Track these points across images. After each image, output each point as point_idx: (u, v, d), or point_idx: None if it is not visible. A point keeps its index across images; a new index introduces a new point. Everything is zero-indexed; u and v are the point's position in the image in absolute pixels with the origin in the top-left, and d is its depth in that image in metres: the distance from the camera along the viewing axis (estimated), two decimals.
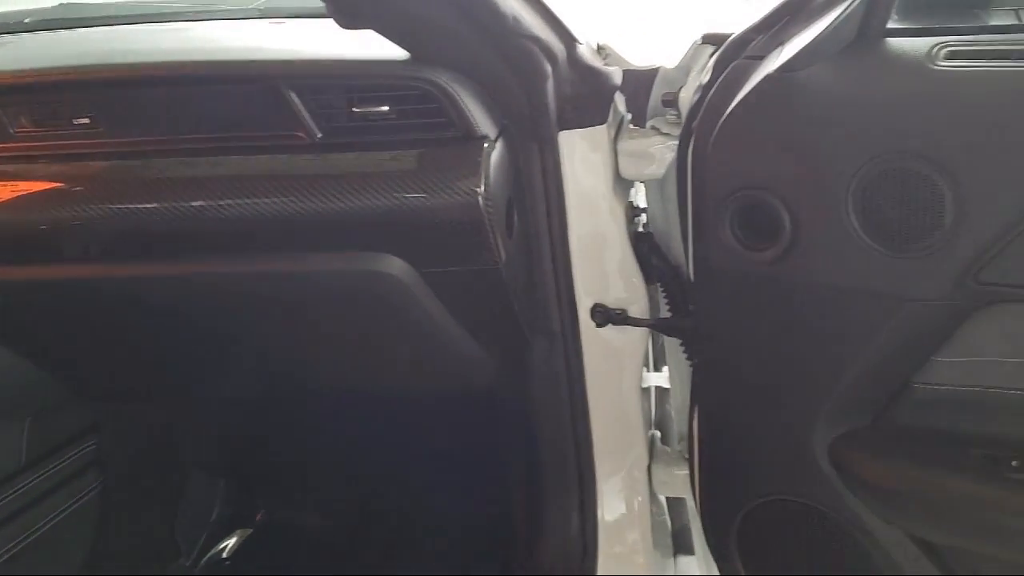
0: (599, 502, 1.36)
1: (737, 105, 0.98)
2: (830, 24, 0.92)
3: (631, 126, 1.27)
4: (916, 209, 0.91)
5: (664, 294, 1.31)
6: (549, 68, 1.10)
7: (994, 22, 0.99)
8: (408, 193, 1.07)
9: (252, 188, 1.09)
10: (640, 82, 1.25)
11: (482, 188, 1.05)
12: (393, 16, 1.04)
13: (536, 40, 1.06)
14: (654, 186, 1.34)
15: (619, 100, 1.27)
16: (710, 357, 1.15)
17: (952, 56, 0.89)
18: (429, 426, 1.50)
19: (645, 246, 1.30)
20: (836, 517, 1.08)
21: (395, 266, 1.12)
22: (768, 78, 0.96)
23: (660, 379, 1.49)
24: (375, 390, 1.43)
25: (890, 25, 0.95)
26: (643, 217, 1.39)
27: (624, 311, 1.27)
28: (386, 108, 1.09)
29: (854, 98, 0.92)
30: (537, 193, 1.20)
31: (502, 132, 1.13)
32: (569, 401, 1.31)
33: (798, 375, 1.05)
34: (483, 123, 1.09)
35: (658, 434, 1.45)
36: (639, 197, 1.40)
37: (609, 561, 1.37)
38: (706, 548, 1.28)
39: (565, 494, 1.35)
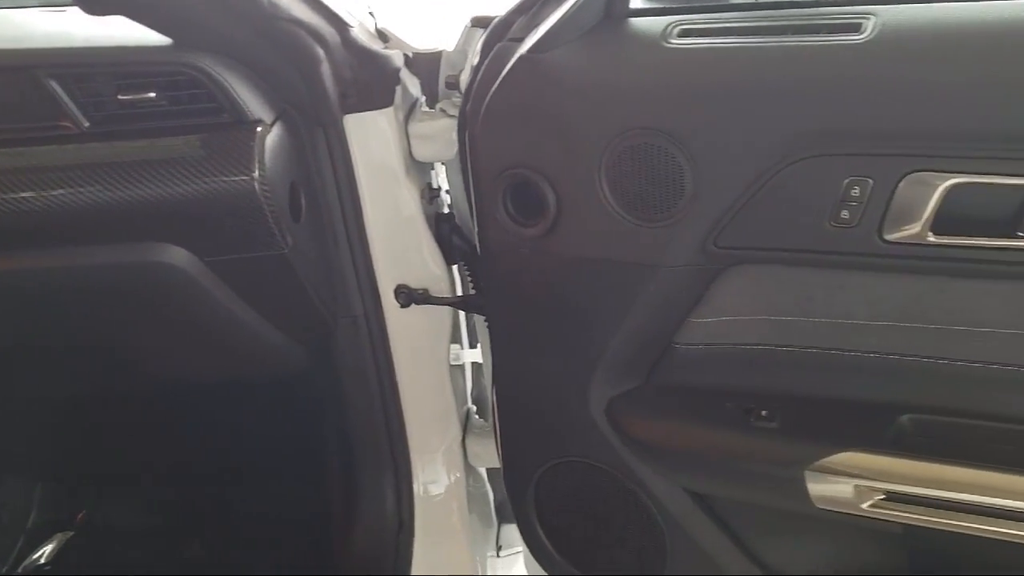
0: (415, 478, 1.39)
1: (497, 87, 1.02)
2: (573, 5, 0.97)
3: (424, 109, 1.30)
4: (660, 181, 0.96)
5: (467, 273, 1.34)
6: (321, 52, 1.11)
7: (732, 0, 1.06)
8: (182, 180, 1.06)
9: (18, 181, 1.05)
10: (431, 65, 1.28)
11: (257, 173, 1.06)
12: (139, 2, 1.03)
13: (299, 23, 1.06)
14: (454, 166, 1.36)
15: (412, 83, 1.29)
16: (499, 330, 1.19)
17: (684, 34, 0.94)
18: (247, 414, 1.49)
19: (446, 226, 1.32)
20: (617, 475, 1.14)
21: (177, 256, 1.11)
22: (520, 59, 0.99)
23: (475, 355, 1.52)
24: (185, 382, 1.41)
25: (635, 5, 1.00)
26: (447, 198, 1.41)
27: (427, 291, 1.30)
28: (153, 95, 1.07)
29: (599, 77, 0.97)
30: (326, 177, 1.20)
31: (280, 116, 1.13)
32: (377, 382, 1.33)
33: (572, 343, 1.11)
34: (256, 107, 1.08)
35: (474, 408, 1.49)
36: (441, 178, 1.42)
37: (427, 534, 1.40)
38: None
39: (379, 472, 1.37)
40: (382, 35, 1.22)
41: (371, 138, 1.20)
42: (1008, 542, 0.92)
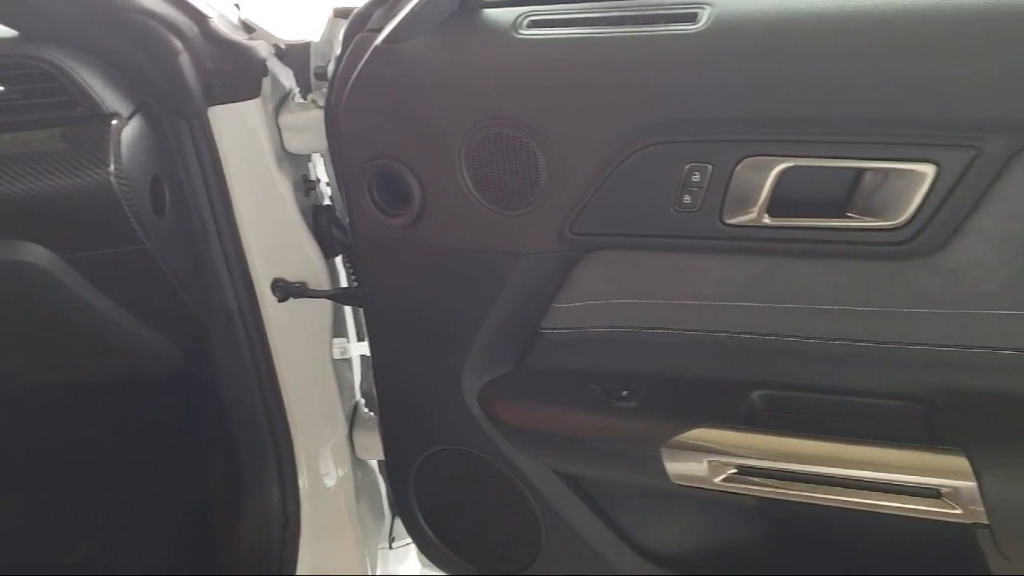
0: (300, 472, 1.38)
1: (355, 78, 1.02)
2: None
3: (298, 100, 1.29)
4: (517, 170, 0.98)
5: (348, 265, 1.34)
6: (179, 43, 1.09)
7: None
8: (37, 176, 1.03)
9: None
10: (303, 56, 1.27)
11: (113, 167, 1.03)
12: None
13: (152, 15, 1.05)
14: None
15: (284, 74, 1.28)
16: (375, 321, 1.20)
17: (534, 24, 0.96)
18: (127, 413, 1.46)
19: (325, 218, 1.32)
20: (492, 461, 1.16)
21: (35, 254, 1.08)
22: (376, 50, 1.00)
23: (364, 348, 1.52)
24: (58, 383, 1.37)
25: None
26: (328, 190, 1.41)
27: (305, 284, 1.29)
28: (1, 88, 1.04)
29: (452, 67, 0.98)
30: (192, 170, 1.19)
31: (140, 109, 1.11)
32: (256, 378, 1.32)
33: (443, 331, 1.12)
34: (112, 100, 1.06)
35: (362, 401, 1.49)
36: (319, 170, 1.41)
37: (315, 529, 1.40)
38: None
39: (263, 468, 1.36)
40: (246, 26, 1.20)
41: (239, 130, 1.19)
42: (855, 510, 0.96)
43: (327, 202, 1.39)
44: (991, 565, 0.92)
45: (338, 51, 1.10)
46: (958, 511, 0.89)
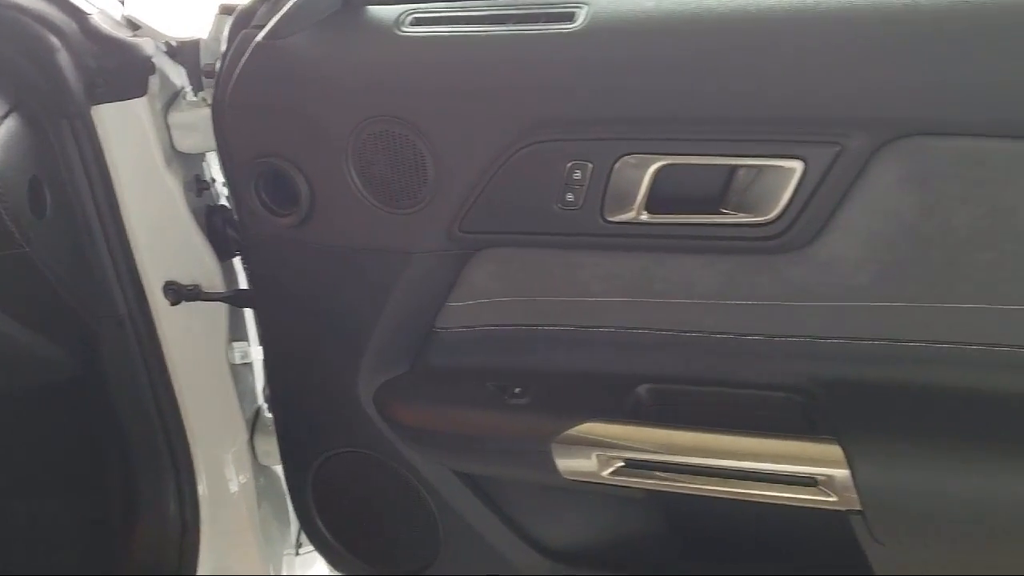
0: (199, 479, 1.35)
1: (237, 75, 1.00)
2: None
3: (190, 98, 1.26)
4: (404, 168, 0.98)
5: (244, 266, 1.32)
6: (56, 41, 1.06)
7: None
8: None
9: None
10: (193, 54, 1.24)
11: None
12: None
13: (24, 11, 1.01)
14: None
15: (176, 72, 1.25)
16: (268, 322, 1.18)
17: (417, 22, 0.96)
18: (18, 421, 1.41)
19: (219, 219, 1.29)
20: (389, 462, 1.15)
21: None
22: (257, 46, 0.98)
23: None
24: None
25: None
26: (225, 190, 1.38)
27: (198, 287, 1.26)
28: None
29: (335, 64, 0.97)
30: (75, 171, 1.15)
31: (16, 108, 1.07)
32: (150, 383, 1.29)
33: (336, 332, 1.11)
34: None
35: (265, 406, 1.46)
36: (215, 169, 1.39)
37: (215, 536, 1.37)
38: None
39: (160, 476, 1.33)
40: (130, 23, 1.17)
41: (125, 129, 1.16)
42: (741, 500, 0.99)
43: (223, 202, 1.36)
44: (866, 550, 0.95)
45: (223, 48, 1.08)
46: (833, 498, 0.92)
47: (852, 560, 0.97)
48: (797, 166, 0.86)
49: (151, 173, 1.19)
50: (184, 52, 1.24)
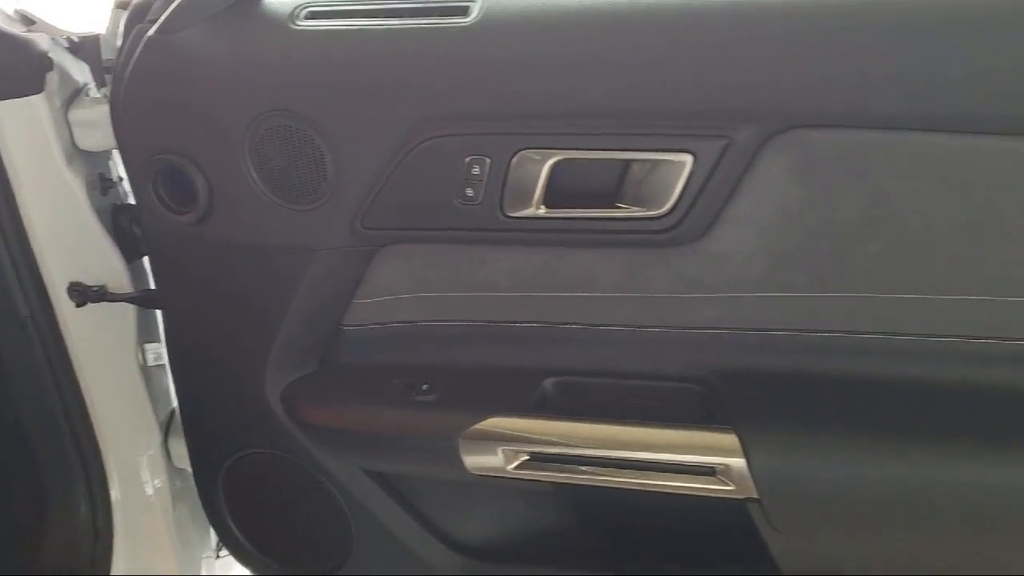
0: (112, 484, 1.32)
1: (131, 71, 0.98)
2: None
3: (93, 95, 1.23)
4: (303, 164, 0.97)
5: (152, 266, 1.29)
6: None
7: None
8: None
9: None
10: (96, 49, 1.21)
11: None
12: None
13: None
14: None
15: (78, 68, 1.22)
16: (173, 322, 1.15)
17: (311, 16, 0.95)
18: None
19: (126, 218, 1.26)
20: (300, 463, 1.14)
21: None
22: (149, 41, 0.96)
23: None
24: None
25: None
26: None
27: (104, 287, 1.23)
28: None
29: (230, 58, 0.96)
30: None
31: None
32: (56, 387, 1.25)
33: (241, 332, 1.09)
34: None
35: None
36: (121, 167, 1.35)
37: (129, 541, 1.34)
38: None
39: (69, 482, 1.29)
40: (24, 18, 1.14)
41: (22, 127, 1.12)
42: (645, 491, 0.99)
43: (131, 201, 1.33)
44: (765, 538, 0.96)
45: (119, 43, 1.05)
46: (731, 487, 0.93)
47: (759, 550, 0.99)
48: (687, 159, 0.87)
49: (51, 171, 1.16)
50: (86, 48, 1.20)
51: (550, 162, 0.91)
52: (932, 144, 0.84)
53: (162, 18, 0.96)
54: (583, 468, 0.98)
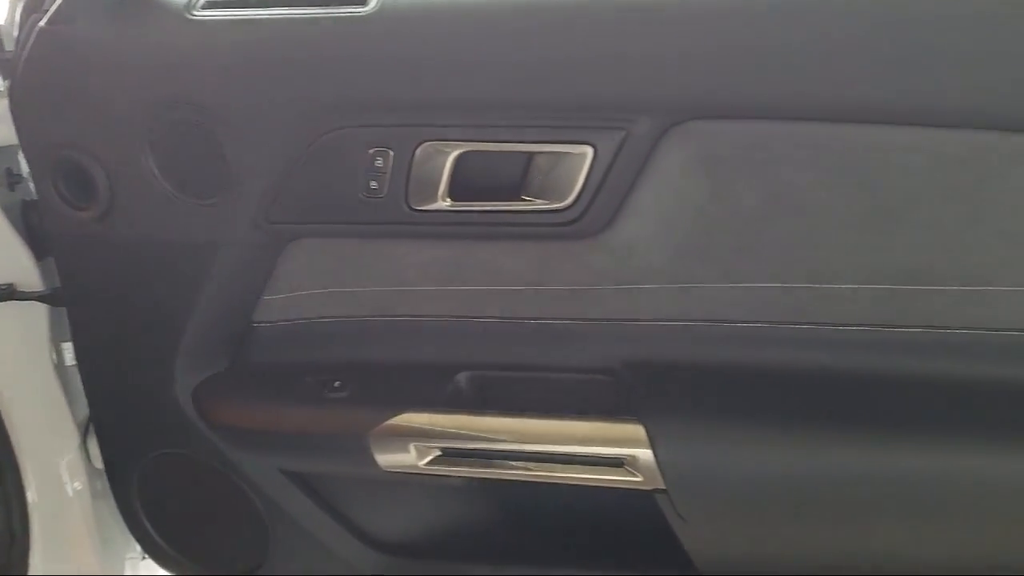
0: (28, 487, 1.29)
1: (24, 62, 0.95)
2: None
3: None
4: (203, 157, 0.95)
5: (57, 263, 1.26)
6: None
7: None
8: None
9: None
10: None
11: None
12: None
13: None
14: None
15: None
16: (79, 321, 1.12)
17: (208, 5, 0.92)
18: None
19: (35, 214, 1.23)
20: (213, 464, 1.11)
21: None
22: (40, 32, 0.93)
23: None
24: None
25: None
26: None
27: (12, 286, 1.20)
28: None
29: (125, 49, 0.93)
30: None
31: None
32: None
33: (148, 330, 1.07)
34: None
35: None
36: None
37: (48, 544, 1.31)
38: None
39: None
40: None
41: None
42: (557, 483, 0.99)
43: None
44: (675, 529, 0.96)
45: (16, 34, 1.02)
46: (639, 478, 0.93)
47: (674, 546, 0.99)
48: (588, 152, 0.87)
49: None
50: None
51: (454, 154, 0.90)
52: (829, 134, 0.85)
53: (52, 8, 0.93)
54: (495, 462, 0.98)
